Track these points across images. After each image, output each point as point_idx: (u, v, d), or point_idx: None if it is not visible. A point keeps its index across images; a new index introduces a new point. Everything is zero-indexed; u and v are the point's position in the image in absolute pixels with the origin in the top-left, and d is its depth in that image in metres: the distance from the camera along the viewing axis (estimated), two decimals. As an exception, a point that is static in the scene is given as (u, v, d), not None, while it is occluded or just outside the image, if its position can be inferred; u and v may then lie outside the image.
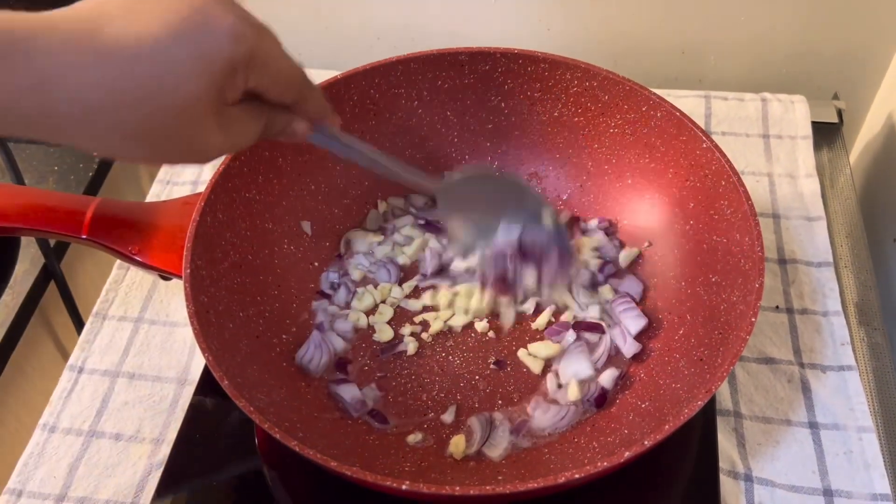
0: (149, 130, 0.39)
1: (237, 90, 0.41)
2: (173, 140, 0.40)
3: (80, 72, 0.36)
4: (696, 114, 0.83)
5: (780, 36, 0.89)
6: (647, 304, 0.66)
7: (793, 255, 0.72)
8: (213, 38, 0.39)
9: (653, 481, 0.58)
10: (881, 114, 0.89)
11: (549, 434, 0.59)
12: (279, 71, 0.44)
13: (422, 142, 0.73)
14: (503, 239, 0.62)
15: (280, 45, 0.44)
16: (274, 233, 0.67)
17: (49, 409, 0.65)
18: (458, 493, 0.46)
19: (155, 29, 0.37)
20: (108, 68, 0.37)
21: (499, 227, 0.63)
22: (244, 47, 0.40)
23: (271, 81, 0.43)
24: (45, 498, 0.60)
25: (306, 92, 0.47)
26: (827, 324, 0.67)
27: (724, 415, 0.62)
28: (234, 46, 0.39)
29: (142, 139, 0.39)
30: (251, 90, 0.43)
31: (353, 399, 0.61)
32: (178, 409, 0.64)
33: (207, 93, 0.39)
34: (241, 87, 0.42)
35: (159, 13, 0.38)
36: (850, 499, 0.57)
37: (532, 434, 0.59)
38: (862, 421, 0.61)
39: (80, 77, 0.36)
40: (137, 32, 0.37)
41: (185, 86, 0.38)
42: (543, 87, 0.70)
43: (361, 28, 0.95)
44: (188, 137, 0.40)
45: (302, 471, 0.59)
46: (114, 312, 0.71)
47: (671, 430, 0.48)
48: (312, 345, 0.63)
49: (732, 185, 0.60)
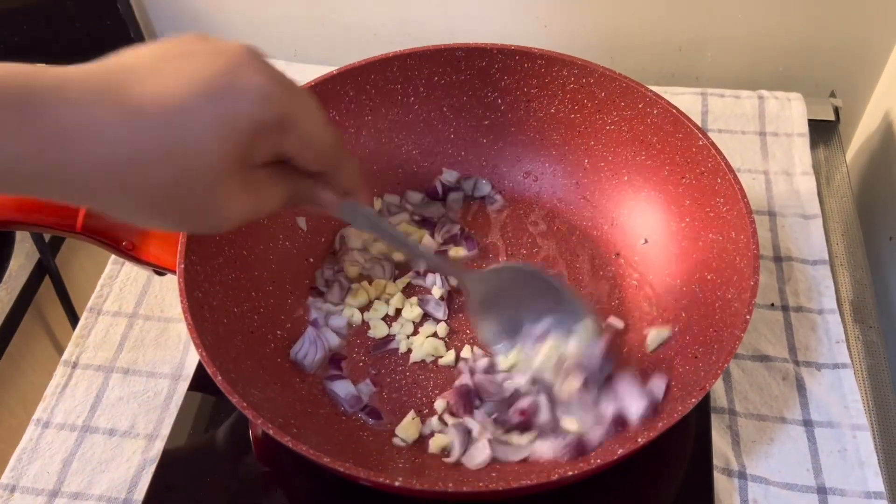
0: (169, 193, 0.38)
1: (264, 154, 0.40)
2: (193, 203, 0.39)
3: (103, 128, 0.35)
4: (692, 111, 0.83)
5: (777, 33, 0.89)
6: (641, 302, 0.66)
7: (788, 253, 0.72)
8: (240, 100, 0.37)
9: (647, 479, 0.58)
10: (878, 112, 0.89)
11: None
12: (311, 138, 0.42)
13: (418, 138, 0.73)
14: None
15: (317, 111, 0.42)
16: (269, 228, 0.67)
17: (43, 405, 0.65)
18: (452, 491, 0.46)
19: (182, 89, 0.36)
20: (133, 126, 0.36)
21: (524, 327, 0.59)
22: (273, 110, 0.38)
23: (301, 148, 0.42)
24: (38, 493, 0.60)
25: (339, 163, 0.45)
26: (822, 322, 0.67)
27: (718, 412, 0.62)
28: (261, 108, 0.38)
29: (161, 202, 0.38)
30: (280, 155, 0.41)
31: (348, 395, 0.61)
32: (173, 405, 0.64)
33: (231, 155, 0.38)
34: (268, 151, 0.40)
35: (188, 73, 0.37)
36: (843, 496, 0.57)
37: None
38: (856, 419, 0.61)
39: (104, 134, 0.35)
40: (164, 92, 0.36)
41: (207, 147, 0.37)
42: (540, 83, 0.70)
43: (358, 24, 0.95)
44: (209, 200, 0.39)
45: (296, 467, 0.59)
46: (108, 308, 0.71)
47: (664, 428, 0.48)
48: (307, 341, 0.63)
49: (728, 182, 0.60)
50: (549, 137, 0.72)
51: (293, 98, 0.40)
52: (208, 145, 0.37)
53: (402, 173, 0.74)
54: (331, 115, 0.69)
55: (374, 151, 0.72)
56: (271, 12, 0.95)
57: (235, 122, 0.37)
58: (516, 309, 0.60)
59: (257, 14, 0.96)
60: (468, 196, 0.74)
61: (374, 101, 0.71)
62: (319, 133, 0.42)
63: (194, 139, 0.37)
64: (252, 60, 0.39)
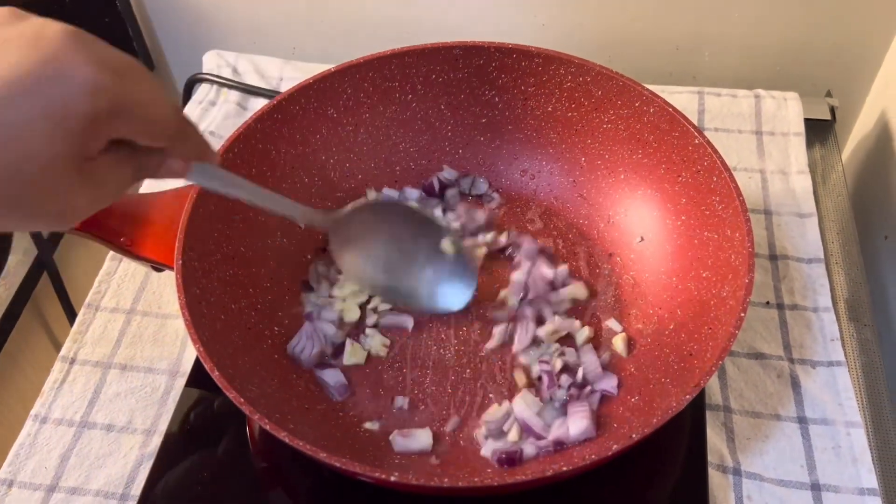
0: (6, 197, 0.34)
1: (100, 143, 0.37)
2: (30, 203, 0.36)
3: None
4: (689, 110, 0.83)
5: (773, 33, 0.89)
6: (637, 299, 0.66)
7: (784, 252, 0.72)
8: (67, 94, 0.34)
9: (642, 475, 0.59)
10: (874, 111, 0.90)
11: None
12: (148, 116, 0.38)
13: (416, 135, 0.74)
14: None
15: (150, 84, 0.38)
16: (266, 225, 0.67)
17: (41, 400, 0.65)
18: (447, 486, 0.46)
19: (1, 82, 0.33)
20: None
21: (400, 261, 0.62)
22: (104, 100, 0.35)
23: (140, 129, 0.38)
24: (35, 488, 0.60)
25: (182, 134, 0.42)
26: (817, 320, 0.67)
27: (713, 409, 0.62)
28: (92, 101, 0.34)
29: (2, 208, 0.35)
30: (117, 139, 0.38)
31: (337, 383, 0.61)
32: (170, 401, 0.64)
33: (63, 154, 0.35)
34: (104, 138, 0.37)
35: (6, 62, 0.33)
36: (837, 493, 0.58)
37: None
38: (850, 416, 0.62)
39: None
40: None
41: (36, 148, 0.34)
42: (537, 81, 0.70)
43: (356, 22, 0.95)
44: (49, 201, 0.36)
45: (292, 462, 0.59)
46: (106, 304, 0.71)
47: (659, 424, 0.48)
48: (304, 336, 0.63)
49: (724, 180, 0.60)
50: (546, 135, 0.73)
51: (125, 82, 0.36)
52: (37, 146, 0.34)
53: (399, 171, 0.74)
54: (329, 112, 0.69)
55: (372, 149, 0.73)
56: (270, 10, 0.95)
57: (64, 120, 0.34)
58: (385, 241, 0.62)
59: (256, 11, 0.96)
60: (465, 193, 0.75)
61: (372, 99, 0.71)
62: (156, 110, 0.39)
63: (19, 139, 0.33)
64: (75, 44, 0.35)
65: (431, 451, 0.58)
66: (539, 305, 0.66)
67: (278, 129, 0.66)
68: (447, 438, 0.59)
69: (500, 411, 0.59)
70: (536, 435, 0.58)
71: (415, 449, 0.58)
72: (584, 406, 0.58)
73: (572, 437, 0.57)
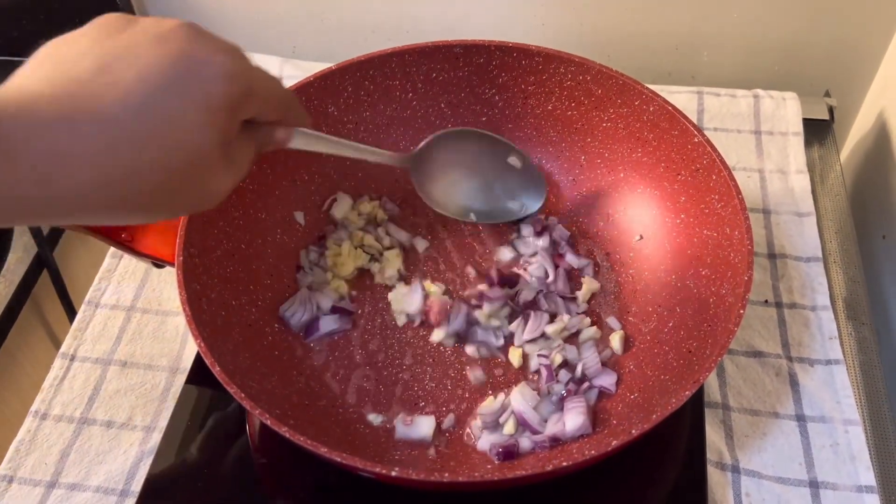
0: (165, 192, 0.37)
1: (238, 124, 0.40)
2: (188, 194, 0.38)
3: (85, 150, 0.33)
4: (688, 110, 0.84)
5: (772, 33, 0.89)
6: (636, 297, 0.66)
7: (782, 251, 0.73)
8: (208, 83, 0.36)
9: (641, 472, 0.59)
10: (872, 111, 0.90)
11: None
12: (271, 95, 0.42)
13: (416, 133, 0.74)
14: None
15: (262, 68, 0.42)
16: (267, 222, 0.67)
17: (41, 396, 0.65)
18: (447, 480, 0.46)
19: (140, 85, 0.35)
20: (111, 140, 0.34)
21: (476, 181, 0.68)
22: (238, 84, 0.38)
23: (266, 107, 0.42)
24: (36, 484, 0.60)
25: (293, 103, 0.46)
26: (815, 318, 0.68)
27: (712, 407, 0.63)
28: (229, 85, 0.37)
29: (158, 202, 0.37)
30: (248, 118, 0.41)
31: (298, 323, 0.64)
32: (170, 398, 0.64)
33: (215, 140, 0.37)
34: (241, 119, 0.40)
35: (139, 67, 0.35)
36: (835, 490, 0.58)
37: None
38: (848, 414, 0.62)
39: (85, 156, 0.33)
40: (129, 95, 0.34)
41: (191, 139, 0.36)
42: (537, 80, 0.70)
43: (356, 21, 0.95)
44: (202, 187, 0.39)
45: (292, 458, 0.59)
46: (106, 301, 0.71)
47: (658, 420, 0.48)
48: (298, 301, 0.65)
49: (723, 179, 0.60)
50: (546, 134, 0.73)
51: (248, 63, 0.40)
52: (192, 137, 0.36)
53: (399, 169, 0.74)
54: (329, 110, 0.70)
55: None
56: (270, 9, 0.96)
57: (209, 107, 0.37)
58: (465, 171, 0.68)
59: (256, 10, 0.96)
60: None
61: (372, 97, 0.71)
62: (274, 87, 0.43)
63: (172, 131, 0.36)
64: (198, 37, 0.37)
65: (431, 443, 0.58)
66: (554, 301, 0.66)
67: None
68: (446, 434, 0.59)
69: (495, 403, 0.59)
70: (532, 429, 0.58)
71: (416, 437, 0.58)
72: (580, 402, 0.59)
73: (568, 432, 0.57)
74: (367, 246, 0.70)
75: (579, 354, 0.62)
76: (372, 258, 0.70)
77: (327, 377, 0.62)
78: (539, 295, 0.66)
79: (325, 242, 0.70)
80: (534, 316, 0.64)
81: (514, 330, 0.64)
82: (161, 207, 0.38)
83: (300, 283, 0.67)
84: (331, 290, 0.67)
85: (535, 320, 0.64)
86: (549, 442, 0.57)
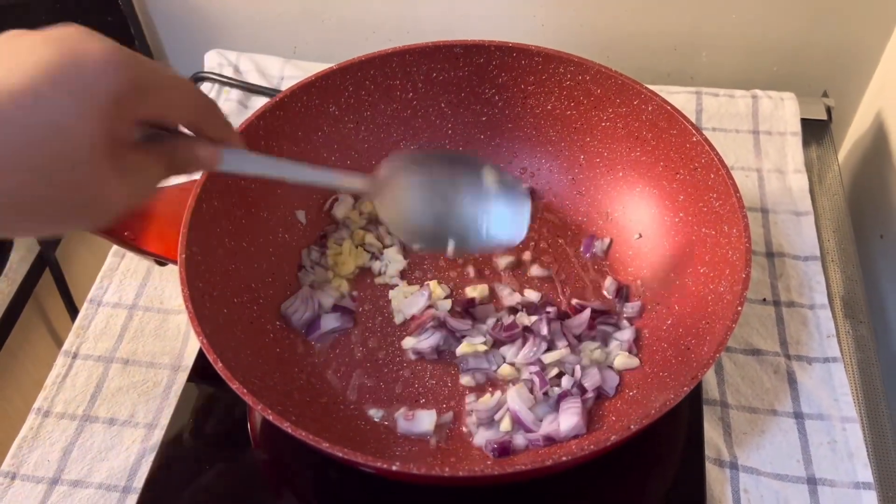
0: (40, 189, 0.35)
1: (129, 123, 0.38)
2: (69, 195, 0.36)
3: None
4: (687, 110, 0.84)
5: (771, 34, 0.90)
6: (636, 294, 0.67)
7: (780, 249, 0.73)
8: (89, 73, 0.35)
9: (640, 468, 0.59)
10: (869, 112, 0.90)
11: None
12: (171, 90, 0.40)
13: (416, 133, 0.74)
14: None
15: (165, 67, 0.40)
16: (269, 221, 0.68)
17: (43, 394, 0.65)
18: (447, 475, 0.47)
19: (27, 78, 0.34)
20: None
21: (446, 205, 0.56)
22: (125, 74, 0.36)
23: (165, 103, 0.39)
24: (38, 481, 0.60)
25: (208, 109, 0.42)
26: (813, 316, 0.68)
27: (710, 404, 0.63)
28: (114, 76, 0.36)
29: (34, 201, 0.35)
30: (146, 120, 0.39)
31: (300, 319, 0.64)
32: (172, 395, 0.65)
33: (96, 132, 0.35)
34: (132, 118, 0.38)
35: (26, 59, 0.34)
36: (833, 487, 0.58)
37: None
38: (846, 411, 0.62)
39: None
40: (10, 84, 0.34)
41: (71, 129, 0.35)
42: (537, 80, 0.71)
43: (357, 21, 0.96)
44: (86, 190, 0.36)
45: (294, 454, 0.60)
46: (108, 299, 0.72)
47: (657, 416, 0.48)
48: (300, 299, 0.65)
49: (721, 178, 0.61)
50: (545, 134, 0.73)
51: (138, 60, 0.38)
52: (72, 128, 0.35)
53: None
54: (330, 110, 0.70)
55: (373, 146, 0.73)
56: (271, 9, 0.96)
57: (92, 98, 0.35)
58: (429, 192, 0.57)
59: (256, 10, 0.96)
60: (465, 191, 0.75)
61: (372, 97, 0.71)
62: (177, 83, 0.40)
63: (56, 127, 0.34)
64: (88, 34, 0.37)
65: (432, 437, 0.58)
66: (556, 333, 0.63)
67: (280, 126, 0.67)
68: (446, 430, 0.59)
69: (491, 400, 0.60)
70: (527, 428, 0.58)
71: (417, 431, 0.58)
72: (576, 402, 0.59)
73: (562, 433, 0.57)
74: (368, 244, 0.71)
75: (581, 371, 0.61)
76: (373, 257, 0.71)
77: (328, 374, 0.63)
78: (540, 320, 0.64)
79: (326, 241, 0.71)
80: (532, 341, 0.63)
81: (504, 353, 0.63)
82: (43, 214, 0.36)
83: (302, 281, 0.68)
84: (332, 288, 0.68)
85: (531, 346, 0.63)
86: (543, 441, 0.57)
